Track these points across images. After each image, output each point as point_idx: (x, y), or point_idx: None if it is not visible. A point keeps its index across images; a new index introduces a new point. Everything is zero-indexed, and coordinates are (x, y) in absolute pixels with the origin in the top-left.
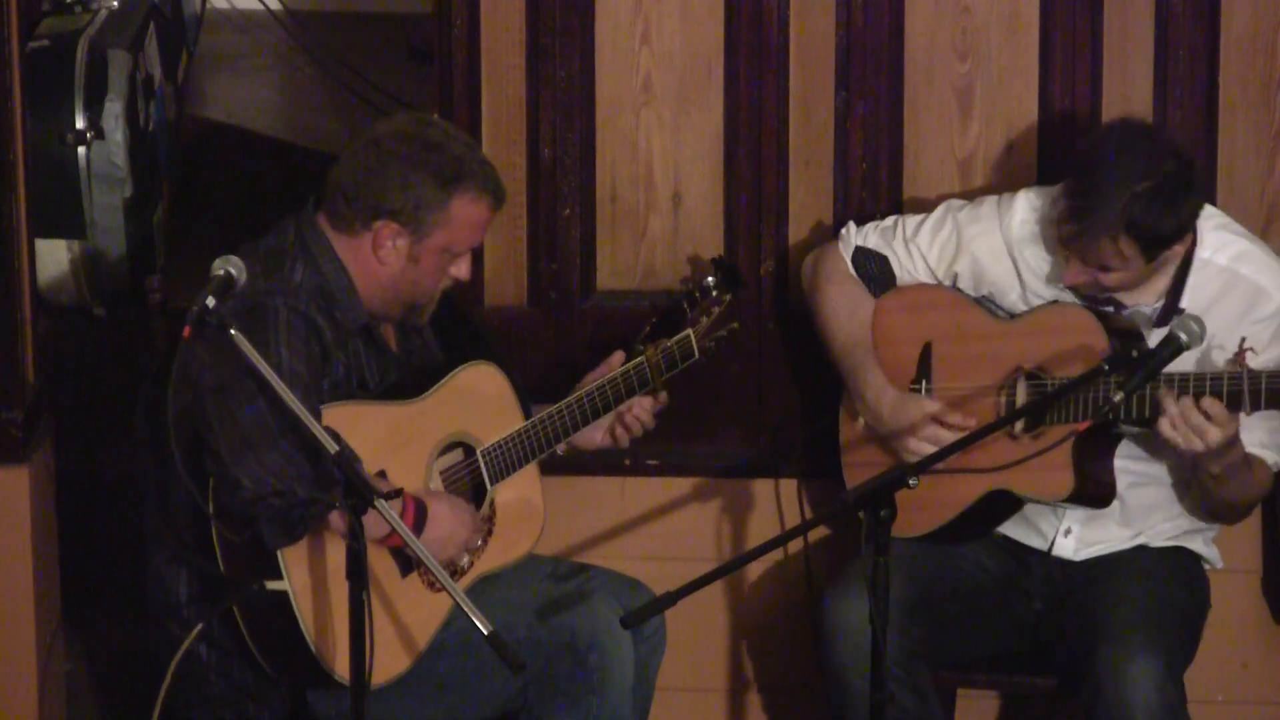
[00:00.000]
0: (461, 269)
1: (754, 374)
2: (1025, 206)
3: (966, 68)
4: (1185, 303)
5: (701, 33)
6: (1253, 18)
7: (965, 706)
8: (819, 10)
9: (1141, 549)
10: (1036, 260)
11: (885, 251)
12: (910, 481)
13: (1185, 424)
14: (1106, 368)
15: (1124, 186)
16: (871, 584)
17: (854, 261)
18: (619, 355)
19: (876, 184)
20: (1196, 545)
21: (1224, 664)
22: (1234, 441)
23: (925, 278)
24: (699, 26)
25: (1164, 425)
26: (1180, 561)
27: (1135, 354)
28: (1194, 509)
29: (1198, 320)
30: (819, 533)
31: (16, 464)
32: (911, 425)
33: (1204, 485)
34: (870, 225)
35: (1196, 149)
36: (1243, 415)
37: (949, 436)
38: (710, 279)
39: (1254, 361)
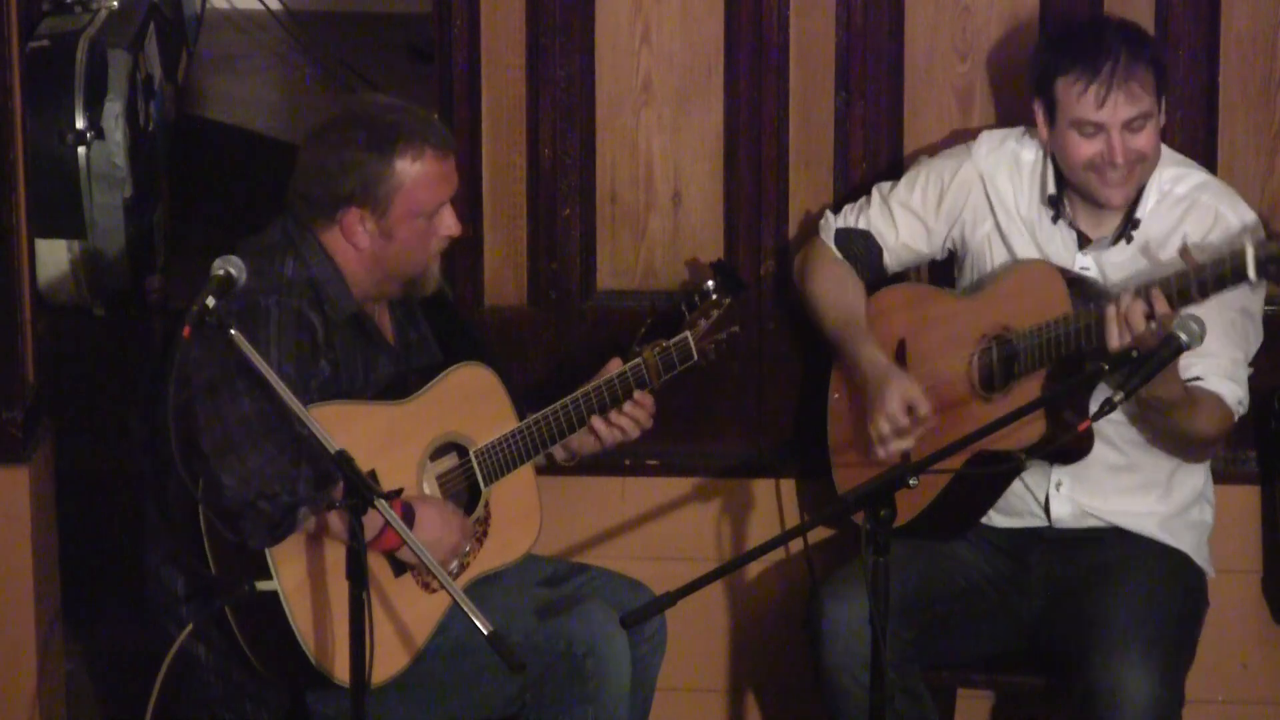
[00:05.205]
0: (447, 225)
1: (754, 374)
2: (987, 141)
3: (966, 68)
4: (1141, 215)
5: (701, 33)
6: (1253, 18)
7: (963, 706)
8: (819, 10)
9: (1140, 541)
10: (1008, 191)
11: (865, 227)
12: (910, 481)
13: (1126, 321)
14: (1106, 367)
15: (1128, 25)
16: (871, 584)
17: (838, 244)
18: (615, 361)
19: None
20: (1189, 551)
21: (1224, 664)
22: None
23: (911, 236)
24: (699, 26)
25: (1109, 322)
26: (1178, 560)
27: (1135, 354)
28: (1155, 439)
29: (1198, 320)
30: (819, 533)
31: (16, 464)
32: (882, 403)
33: (1154, 424)
34: (846, 207)
35: (1196, 149)
36: (1208, 344)
37: (903, 422)
38: (710, 282)
39: (1198, 256)
